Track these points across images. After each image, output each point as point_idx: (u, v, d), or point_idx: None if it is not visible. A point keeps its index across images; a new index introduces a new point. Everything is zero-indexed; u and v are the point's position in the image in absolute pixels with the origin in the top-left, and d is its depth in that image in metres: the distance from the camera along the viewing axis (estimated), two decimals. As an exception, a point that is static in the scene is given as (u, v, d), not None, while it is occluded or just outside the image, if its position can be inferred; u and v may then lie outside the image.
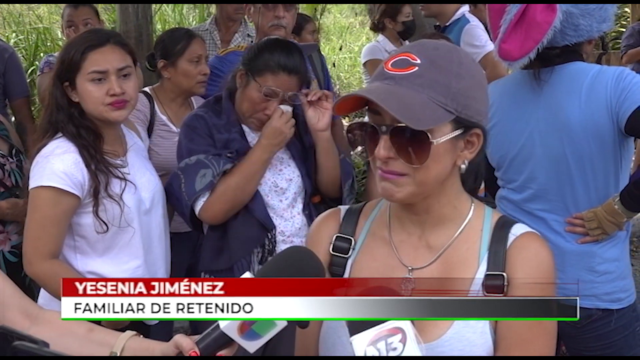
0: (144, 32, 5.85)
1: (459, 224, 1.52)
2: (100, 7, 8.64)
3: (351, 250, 1.58)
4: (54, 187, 2.43)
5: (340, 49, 11.99)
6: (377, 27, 5.90)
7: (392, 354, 1.21)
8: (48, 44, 8.68)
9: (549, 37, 2.37)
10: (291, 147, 2.87)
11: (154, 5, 7.65)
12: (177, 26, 3.77)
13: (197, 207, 2.72)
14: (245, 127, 2.85)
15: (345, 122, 9.46)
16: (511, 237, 1.49)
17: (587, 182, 2.49)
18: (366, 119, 1.50)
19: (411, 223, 1.54)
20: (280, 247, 2.77)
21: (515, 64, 2.45)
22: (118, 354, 1.51)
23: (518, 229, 1.51)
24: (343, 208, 1.66)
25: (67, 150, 2.49)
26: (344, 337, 1.48)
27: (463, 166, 1.47)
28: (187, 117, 2.91)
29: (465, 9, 4.93)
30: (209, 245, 2.83)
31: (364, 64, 5.75)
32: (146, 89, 3.67)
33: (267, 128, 2.73)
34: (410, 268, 1.51)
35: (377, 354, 1.21)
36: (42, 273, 2.45)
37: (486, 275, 1.45)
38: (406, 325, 1.23)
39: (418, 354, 1.21)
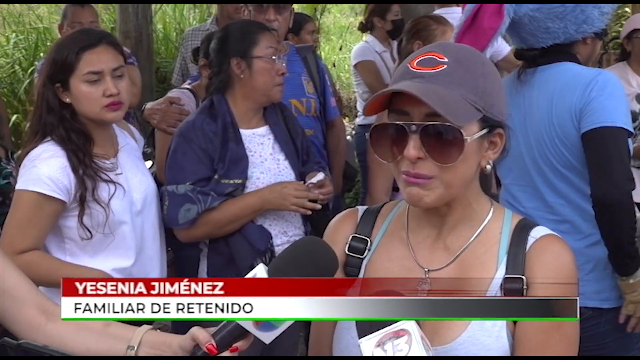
0: (143, 32, 5.87)
1: (477, 226, 1.50)
2: (100, 7, 8.64)
3: (367, 251, 1.56)
4: (39, 192, 2.42)
5: (341, 49, 11.98)
6: (365, 27, 5.88)
7: (398, 355, 1.22)
8: (48, 43, 8.66)
9: (495, 42, 2.39)
10: (286, 148, 2.90)
11: (153, 5, 7.64)
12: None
13: (175, 229, 2.77)
14: (242, 130, 2.86)
15: (346, 122, 9.46)
16: (531, 240, 1.46)
17: (569, 181, 2.47)
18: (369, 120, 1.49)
19: (430, 224, 1.52)
20: (285, 247, 2.77)
21: None
22: (135, 348, 1.52)
23: (538, 232, 1.48)
24: (361, 208, 1.64)
25: (55, 155, 2.47)
26: (356, 338, 1.48)
27: (489, 167, 1.46)
28: (183, 124, 2.91)
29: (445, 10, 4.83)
30: (213, 253, 2.85)
31: (355, 66, 5.69)
32: (188, 85, 3.71)
33: (278, 187, 2.76)
34: (426, 269, 1.49)
35: (384, 355, 1.23)
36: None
37: (505, 279, 1.42)
38: (412, 327, 1.24)
39: (423, 354, 1.22)
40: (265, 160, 2.86)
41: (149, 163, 3.29)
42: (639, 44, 4.59)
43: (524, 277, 1.41)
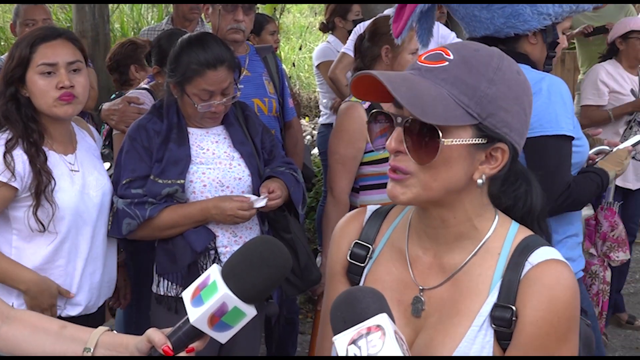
0: (100, 32, 5.78)
1: (476, 245, 1.41)
2: (55, 6, 8.50)
3: (368, 258, 1.51)
4: None
5: (300, 49, 11.98)
6: (326, 27, 5.89)
7: (372, 350, 1.20)
8: (2, 43, 8.51)
9: (414, 19, 2.46)
10: (241, 148, 2.88)
11: (110, 5, 7.54)
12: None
13: None
14: (194, 129, 2.86)
15: (305, 122, 9.46)
16: (527, 266, 1.36)
17: None
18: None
19: (427, 237, 1.44)
20: (234, 248, 2.78)
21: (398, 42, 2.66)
22: (92, 350, 1.51)
23: (537, 257, 1.37)
24: (370, 209, 1.58)
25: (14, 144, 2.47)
26: None
27: (480, 181, 1.35)
28: (132, 124, 2.90)
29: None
30: (161, 250, 2.84)
31: (317, 66, 5.71)
32: (146, 85, 3.68)
33: (221, 204, 2.72)
34: (421, 288, 1.44)
35: (358, 352, 1.21)
36: None
37: (495, 306, 1.35)
38: (385, 322, 1.23)
39: (397, 349, 1.20)
40: (219, 158, 2.83)
41: (107, 165, 3.26)
42: (634, 44, 4.85)
43: (513, 308, 1.34)
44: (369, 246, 1.51)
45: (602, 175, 2.55)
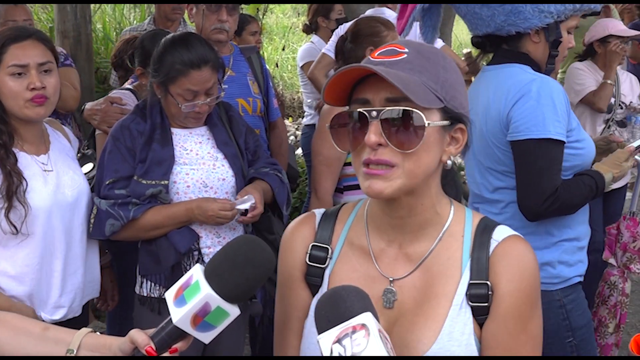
0: (82, 32, 5.74)
1: (440, 230, 1.47)
2: (37, 6, 8.45)
3: (328, 259, 1.52)
4: None
5: (283, 49, 11.98)
6: (310, 28, 5.90)
7: (356, 349, 1.21)
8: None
9: (415, 16, 2.52)
10: (224, 148, 2.88)
11: (93, 4, 7.50)
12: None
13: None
14: (178, 130, 2.85)
15: (289, 123, 9.45)
16: (493, 243, 1.45)
17: (504, 180, 2.51)
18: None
19: (392, 229, 1.47)
20: (217, 248, 2.78)
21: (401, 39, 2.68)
22: (75, 351, 1.51)
23: (499, 234, 1.46)
24: (318, 212, 1.59)
25: None
26: None
27: (449, 162, 1.42)
28: (115, 124, 2.89)
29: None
30: (144, 251, 2.83)
31: (302, 67, 5.72)
32: (129, 85, 3.67)
33: (204, 204, 2.72)
34: (391, 279, 1.46)
35: (342, 352, 1.22)
36: None
37: (470, 284, 1.42)
38: (369, 321, 1.24)
39: (381, 347, 1.21)
40: (202, 159, 2.83)
41: (90, 166, 3.25)
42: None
43: (488, 283, 1.41)
44: (327, 247, 1.53)
45: (597, 178, 2.50)
